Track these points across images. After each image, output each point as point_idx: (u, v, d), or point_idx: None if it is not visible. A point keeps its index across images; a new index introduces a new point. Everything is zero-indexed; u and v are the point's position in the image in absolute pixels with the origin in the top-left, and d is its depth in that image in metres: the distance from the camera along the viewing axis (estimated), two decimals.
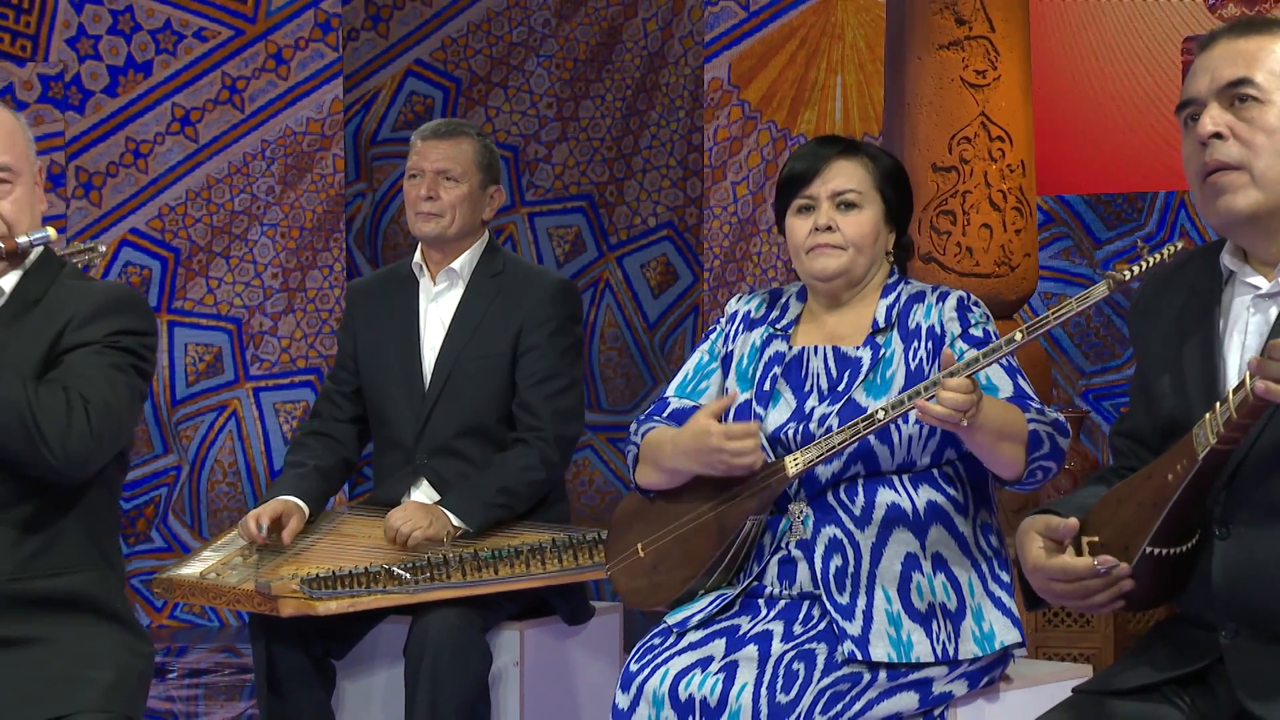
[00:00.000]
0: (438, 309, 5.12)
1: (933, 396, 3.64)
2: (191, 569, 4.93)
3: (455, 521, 4.85)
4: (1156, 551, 3.01)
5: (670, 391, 4.23)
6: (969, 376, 3.64)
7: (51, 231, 3.68)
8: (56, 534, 3.62)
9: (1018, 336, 3.63)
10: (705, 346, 4.24)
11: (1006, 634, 3.94)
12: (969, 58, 6.12)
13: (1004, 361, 3.91)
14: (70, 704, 3.49)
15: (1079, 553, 3.06)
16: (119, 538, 3.86)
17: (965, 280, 5.92)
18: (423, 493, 5.02)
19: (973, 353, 3.78)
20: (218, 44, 9.12)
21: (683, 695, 3.83)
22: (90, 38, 9.01)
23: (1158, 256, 3.34)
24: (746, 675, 3.80)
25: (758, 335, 4.16)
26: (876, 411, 3.80)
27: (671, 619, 4.03)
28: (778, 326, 4.15)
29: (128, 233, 8.99)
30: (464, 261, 5.12)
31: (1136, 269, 3.37)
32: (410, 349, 5.09)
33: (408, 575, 4.70)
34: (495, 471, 4.94)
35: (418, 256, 5.18)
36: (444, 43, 9.84)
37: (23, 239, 3.66)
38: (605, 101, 9.86)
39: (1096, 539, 3.05)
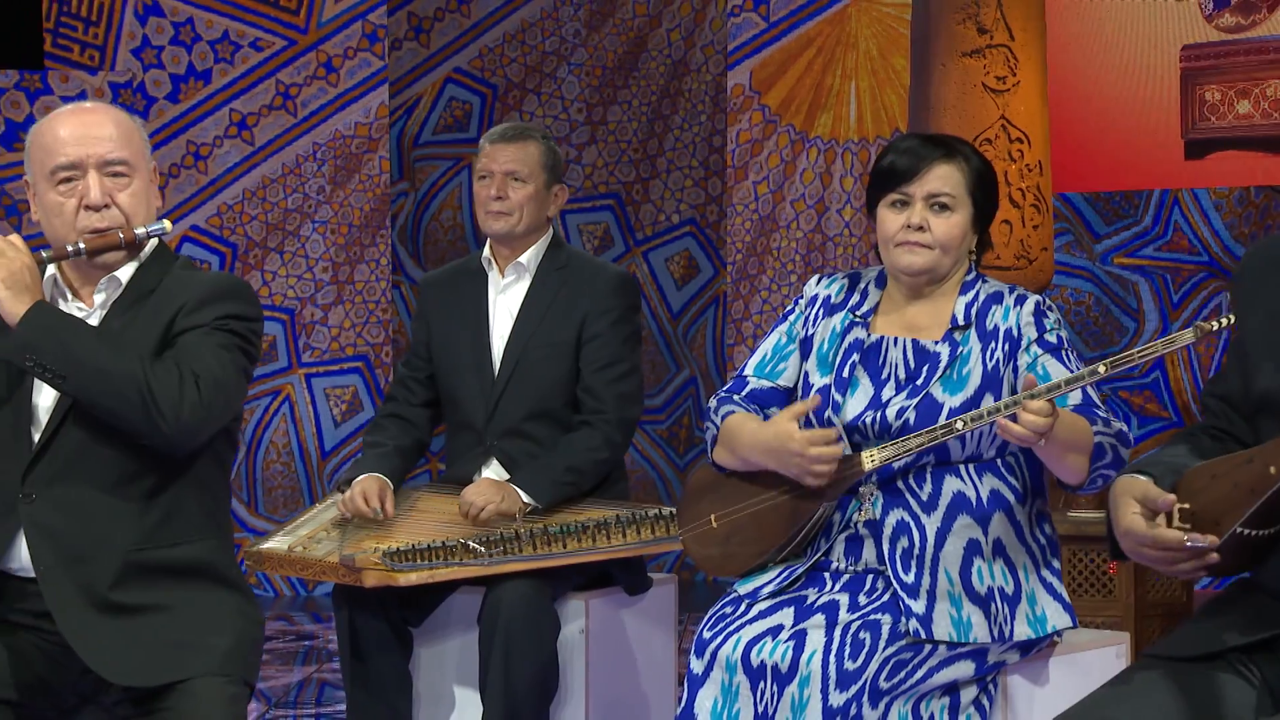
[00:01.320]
0: (506, 300, 5.09)
1: (1012, 415, 3.61)
2: (280, 543, 4.92)
3: (525, 498, 4.83)
4: (1246, 532, 2.98)
5: (749, 370, 4.16)
6: (1048, 400, 3.61)
7: (167, 224, 3.66)
8: (175, 507, 3.59)
9: (1101, 369, 3.59)
10: (783, 328, 4.17)
11: (1058, 619, 3.92)
12: (990, 65, 6.10)
13: (1074, 368, 3.87)
14: (191, 668, 3.47)
15: (1170, 519, 3.03)
16: (230, 510, 3.85)
17: (987, 273, 5.89)
18: (493, 471, 4.99)
19: (1055, 380, 3.72)
20: (272, 53, 9.11)
21: (754, 661, 3.81)
22: (154, 48, 8.99)
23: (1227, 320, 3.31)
24: (815, 643, 3.78)
25: (838, 320, 4.08)
26: (955, 422, 3.76)
27: (742, 589, 4.00)
28: (858, 313, 4.07)
29: (189, 230, 8.97)
30: (530, 256, 5.09)
31: (1225, 320, 3.33)
32: (480, 338, 5.07)
33: (482, 549, 4.68)
34: (562, 451, 4.92)
35: (486, 251, 5.16)
36: (481, 52, 9.81)
37: (140, 230, 3.63)
38: (632, 106, 9.83)
39: (1188, 506, 3.02)
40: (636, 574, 4.99)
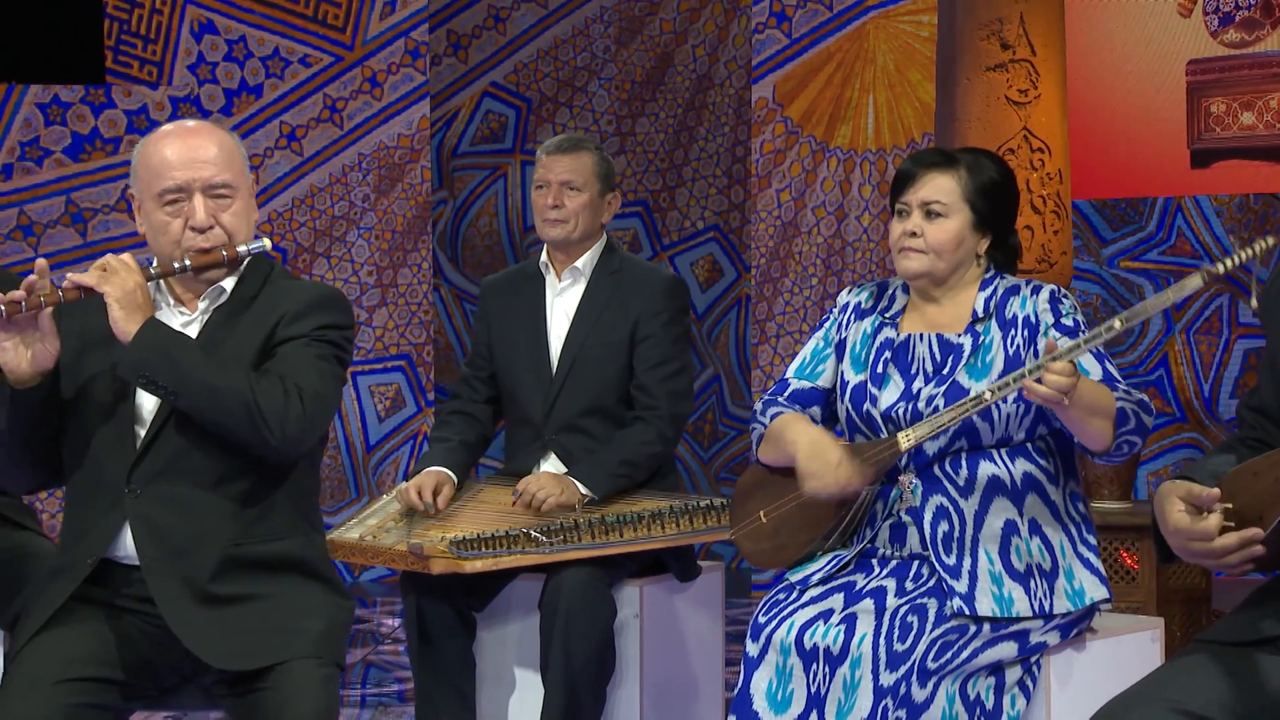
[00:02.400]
0: (562, 302, 5.10)
1: (1037, 378, 3.63)
2: (351, 532, 4.92)
3: (583, 490, 4.84)
4: None
5: (790, 373, 4.20)
6: (1070, 360, 3.63)
7: (267, 242, 3.66)
8: (270, 505, 3.60)
9: (1116, 324, 3.60)
10: (820, 334, 4.20)
11: (1095, 591, 3.93)
12: (1013, 79, 6.10)
13: (1096, 352, 3.89)
14: (287, 651, 3.48)
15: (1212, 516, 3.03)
16: (319, 505, 3.85)
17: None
18: (551, 465, 5.00)
19: (1069, 340, 3.76)
20: (320, 69, 9.11)
21: (807, 644, 3.82)
22: (208, 64, 9.00)
23: (1249, 252, 3.31)
24: (865, 626, 3.79)
25: (868, 323, 4.13)
26: (983, 393, 3.79)
27: (793, 576, 4.01)
28: (886, 315, 4.12)
29: None
30: (586, 260, 5.10)
31: (1230, 262, 3.35)
32: (538, 338, 5.07)
33: (544, 538, 4.69)
34: (617, 446, 4.92)
35: (544, 256, 5.16)
36: (516, 67, 9.81)
37: (242, 248, 3.64)
38: (659, 119, 9.83)
39: (1231, 505, 3.02)
40: (688, 562, 5.00)
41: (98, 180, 8.84)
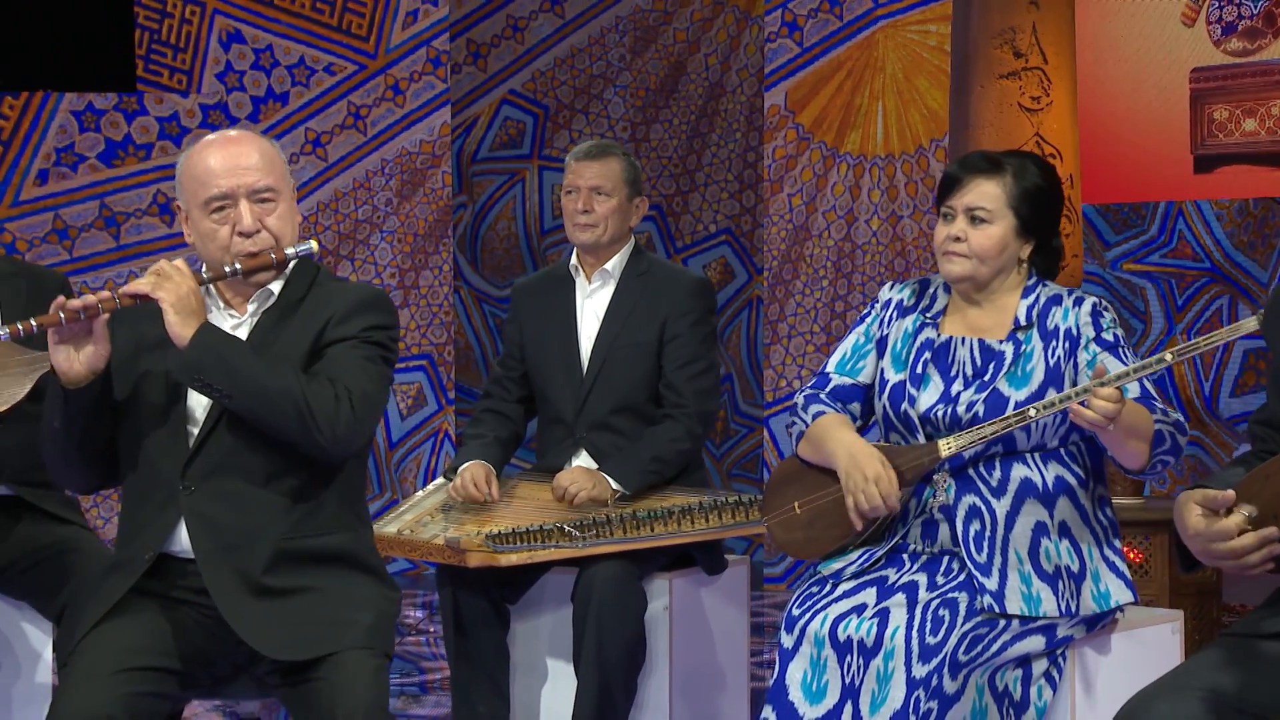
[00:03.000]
0: (592, 304, 5.09)
1: (1083, 401, 3.61)
2: (389, 526, 4.91)
3: (615, 485, 4.84)
4: None
5: (831, 368, 4.16)
6: (1117, 387, 3.61)
7: (314, 244, 3.65)
8: (320, 501, 3.60)
9: (1167, 358, 3.60)
10: (861, 329, 4.16)
11: (1121, 594, 3.92)
12: (1025, 86, 6.09)
13: (1129, 363, 3.86)
14: (339, 642, 3.48)
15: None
16: (366, 500, 3.85)
17: None
18: (582, 461, 4.99)
19: (1123, 367, 3.74)
20: (344, 77, 9.10)
21: (841, 636, 3.81)
22: (236, 72, 9.00)
23: None
24: (898, 619, 3.78)
25: (910, 322, 4.09)
26: (1029, 410, 3.77)
27: (825, 570, 4.00)
28: (928, 315, 4.07)
29: None
30: (615, 263, 5.09)
31: None
32: (569, 338, 5.06)
33: (577, 532, 4.68)
34: (647, 442, 4.91)
35: (574, 259, 5.15)
36: (534, 75, 9.80)
37: (289, 250, 3.63)
38: (672, 125, 9.82)
39: (1247, 510, 3.01)
40: (715, 556, 4.99)
41: (130, 185, 8.84)
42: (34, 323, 3.45)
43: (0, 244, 8.50)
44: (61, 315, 3.42)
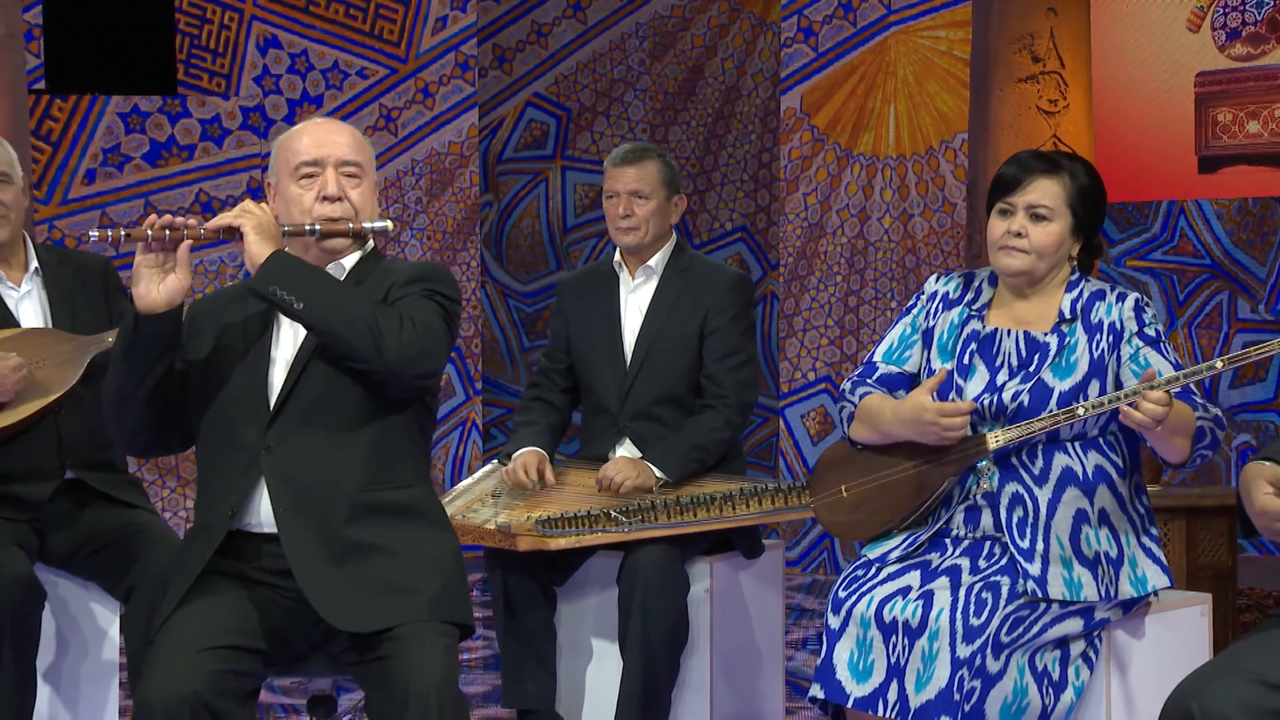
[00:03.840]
0: (636, 299, 5.07)
1: (1132, 402, 3.60)
2: None
3: (658, 473, 4.82)
4: None
5: (877, 358, 4.11)
6: (1166, 390, 3.60)
7: (389, 224, 3.67)
8: (394, 455, 3.60)
9: (1218, 365, 3.59)
10: (908, 320, 4.12)
11: (1157, 580, 3.91)
12: (1043, 89, 6.11)
13: (1174, 362, 3.86)
14: (405, 614, 3.46)
15: None
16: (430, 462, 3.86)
17: None
18: (626, 449, 4.98)
19: (1165, 361, 3.73)
20: (375, 80, 9.09)
21: (887, 618, 3.80)
22: (273, 76, 8.98)
23: None
24: (942, 601, 3.77)
25: (955, 314, 4.05)
26: (1077, 408, 3.75)
27: (871, 554, 3.98)
28: (973, 308, 4.04)
29: None
30: (657, 260, 5.07)
31: None
32: (614, 332, 5.05)
33: (623, 518, 4.68)
34: (689, 432, 4.90)
35: (617, 256, 5.13)
36: (557, 79, 9.80)
37: (366, 224, 3.65)
38: (690, 127, 9.81)
39: None
40: (753, 540, 4.99)
41: (174, 184, 8.83)
42: (124, 232, 3.49)
43: (50, 239, 8.48)
44: (149, 232, 3.44)
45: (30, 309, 4.71)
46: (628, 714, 4.68)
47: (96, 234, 3.50)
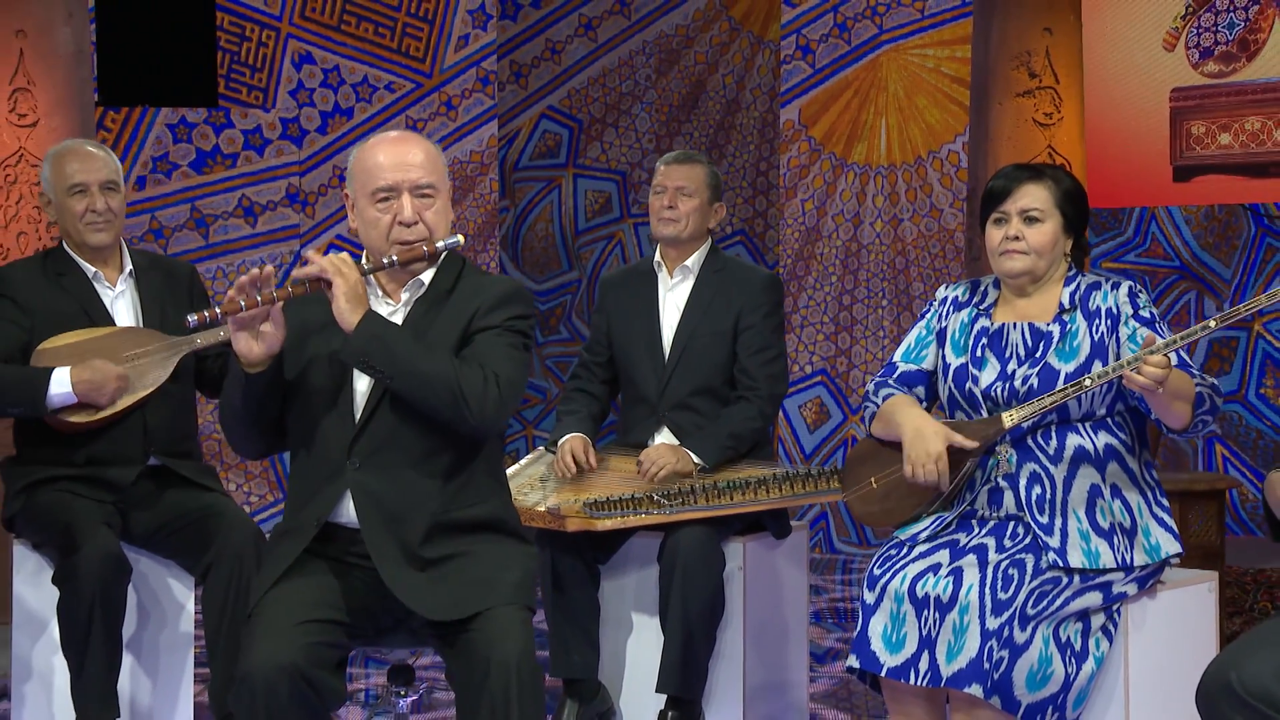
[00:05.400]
0: (674, 297, 5.07)
1: (1135, 369, 3.62)
2: None
3: (696, 459, 4.82)
4: None
5: (898, 358, 4.16)
6: (1165, 354, 3.62)
7: (460, 239, 3.62)
8: (469, 476, 3.57)
9: (1211, 324, 3.60)
10: (923, 324, 4.16)
11: (1170, 546, 3.93)
12: (1039, 103, 6.13)
13: (1167, 336, 3.87)
14: (489, 600, 3.46)
15: None
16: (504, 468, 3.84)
17: None
18: (664, 437, 4.97)
19: (1171, 336, 3.75)
20: (402, 94, 9.07)
21: (919, 593, 3.81)
22: (306, 89, 8.96)
23: None
24: (972, 577, 3.78)
25: (965, 314, 4.09)
26: (1084, 379, 3.77)
27: (902, 535, 3.99)
28: (980, 307, 4.08)
29: (334, 238, 8.94)
30: (695, 260, 5.07)
31: None
32: (653, 327, 5.04)
33: (665, 500, 4.68)
34: (724, 421, 4.90)
35: (657, 256, 5.12)
36: (570, 93, 9.79)
37: (440, 244, 3.60)
38: (693, 137, 9.81)
39: None
40: (782, 522, 4.99)
41: (218, 190, 8.81)
42: (218, 310, 3.42)
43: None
44: (242, 303, 3.40)
45: (124, 307, 4.74)
46: (670, 681, 4.68)
47: (194, 317, 3.44)
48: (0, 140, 6.45)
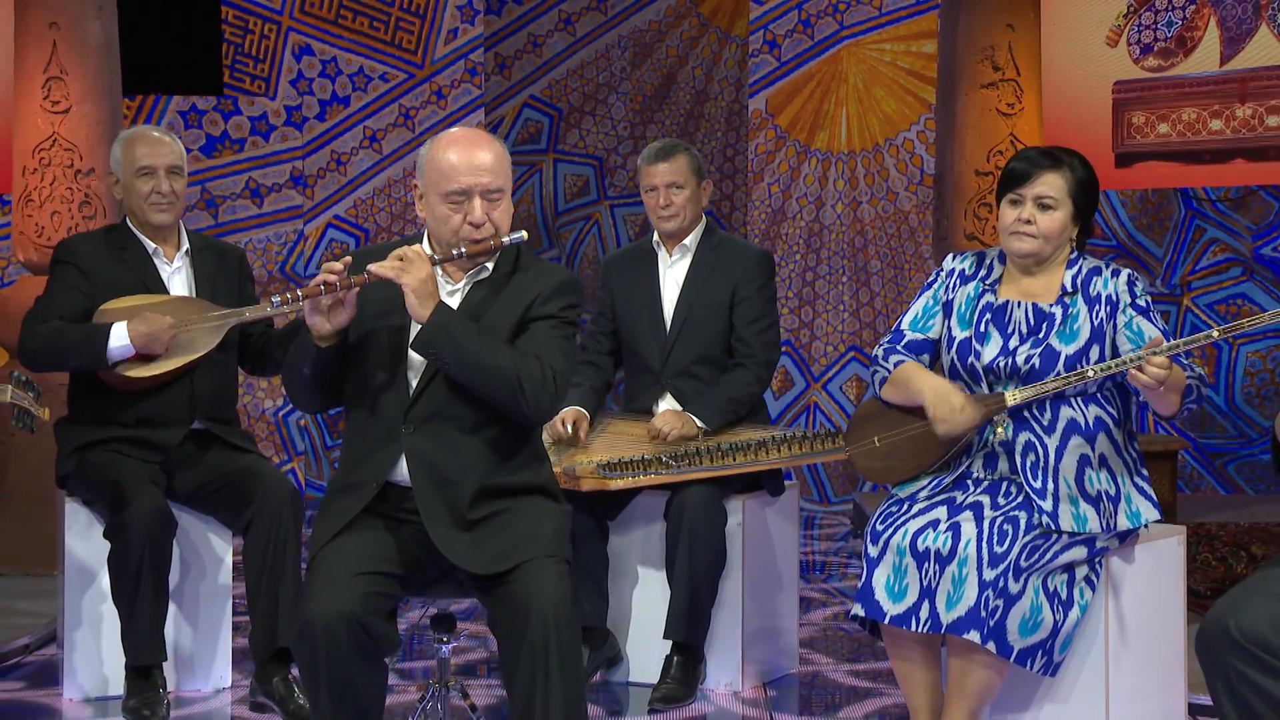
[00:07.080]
0: (674, 273, 5.04)
1: (1138, 366, 3.62)
2: None
3: (699, 423, 4.81)
4: None
5: (905, 325, 4.10)
6: (1168, 355, 3.62)
7: (524, 234, 3.58)
8: (515, 445, 3.55)
9: (1214, 334, 3.60)
10: (929, 294, 4.11)
11: (1149, 513, 3.95)
12: (1002, 95, 6.13)
13: (1162, 328, 3.87)
14: (528, 552, 3.44)
15: None
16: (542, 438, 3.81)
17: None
18: (667, 403, 4.96)
19: (1155, 328, 3.76)
20: (396, 84, 9.00)
21: (920, 547, 3.81)
22: (306, 79, 8.88)
23: None
24: (969, 532, 3.78)
25: (971, 288, 4.05)
26: (1087, 371, 3.77)
27: (902, 493, 3.98)
28: (986, 282, 4.04)
29: (332, 219, 8.89)
30: (692, 239, 5.04)
31: None
32: (654, 301, 5.02)
33: (673, 462, 4.66)
34: (724, 386, 4.89)
35: (655, 236, 5.09)
36: (550, 84, 9.73)
37: (506, 239, 3.57)
38: (665, 126, 9.77)
39: None
40: (777, 481, 4.98)
41: (227, 173, 8.73)
42: (300, 292, 3.45)
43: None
44: (322, 288, 3.39)
45: (179, 283, 4.72)
46: (676, 627, 4.68)
47: (278, 298, 3.49)
48: (35, 126, 6.41)
